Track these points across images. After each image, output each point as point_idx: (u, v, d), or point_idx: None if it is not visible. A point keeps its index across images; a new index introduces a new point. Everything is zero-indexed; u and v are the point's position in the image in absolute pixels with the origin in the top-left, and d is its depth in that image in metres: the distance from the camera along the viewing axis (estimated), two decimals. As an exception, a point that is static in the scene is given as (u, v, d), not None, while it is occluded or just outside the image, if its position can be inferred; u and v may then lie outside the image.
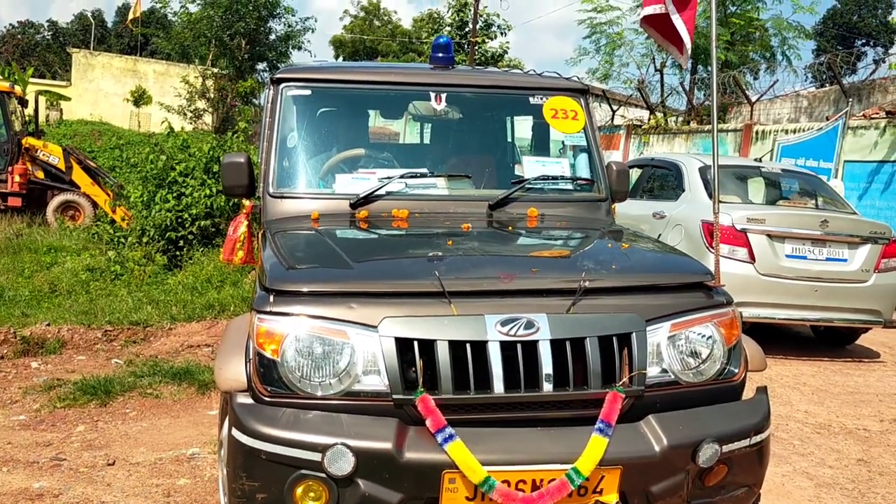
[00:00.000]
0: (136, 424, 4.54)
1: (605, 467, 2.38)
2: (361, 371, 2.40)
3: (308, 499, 2.33)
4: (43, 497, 3.53)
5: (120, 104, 25.90)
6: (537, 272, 2.78)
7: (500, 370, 2.40)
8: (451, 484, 2.34)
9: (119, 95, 26.11)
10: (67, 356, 6.15)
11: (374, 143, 4.25)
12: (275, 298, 2.49)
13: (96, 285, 8.50)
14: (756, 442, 2.61)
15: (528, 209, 3.53)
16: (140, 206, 9.51)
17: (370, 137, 4.26)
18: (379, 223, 3.33)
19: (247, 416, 2.38)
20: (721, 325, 2.68)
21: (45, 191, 14.56)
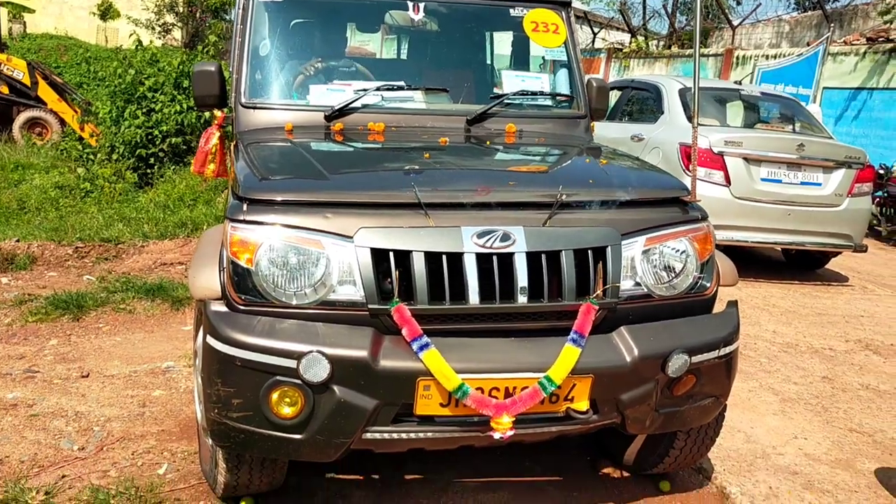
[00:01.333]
0: (109, 339, 4.53)
1: (576, 376, 2.42)
2: (337, 281, 2.39)
3: (284, 404, 2.35)
4: (17, 407, 3.53)
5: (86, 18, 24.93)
6: (514, 185, 2.76)
7: (476, 281, 2.40)
8: (425, 391, 2.36)
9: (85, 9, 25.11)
10: (38, 272, 6.08)
11: (350, 57, 4.13)
12: (248, 207, 2.45)
13: (66, 202, 8.38)
14: (724, 354, 2.66)
15: (506, 125, 3.48)
16: (109, 122, 9.27)
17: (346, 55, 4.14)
18: (354, 136, 3.26)
19: (221, 324, 2.37)
20: (695, 239, 2.70)
21: (10, 106, 14.13)
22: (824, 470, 3.36)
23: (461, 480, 3.06)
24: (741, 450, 3.48)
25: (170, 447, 3.22)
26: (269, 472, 2.70)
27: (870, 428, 3.83)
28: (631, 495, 3.06)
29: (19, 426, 3.35)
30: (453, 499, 2.94)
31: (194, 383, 2.67)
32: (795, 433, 3.70)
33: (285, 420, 2.36)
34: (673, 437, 2.96)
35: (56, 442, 3.23)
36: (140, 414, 3.52)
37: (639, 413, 2.59)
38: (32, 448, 3.17)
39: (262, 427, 2.38)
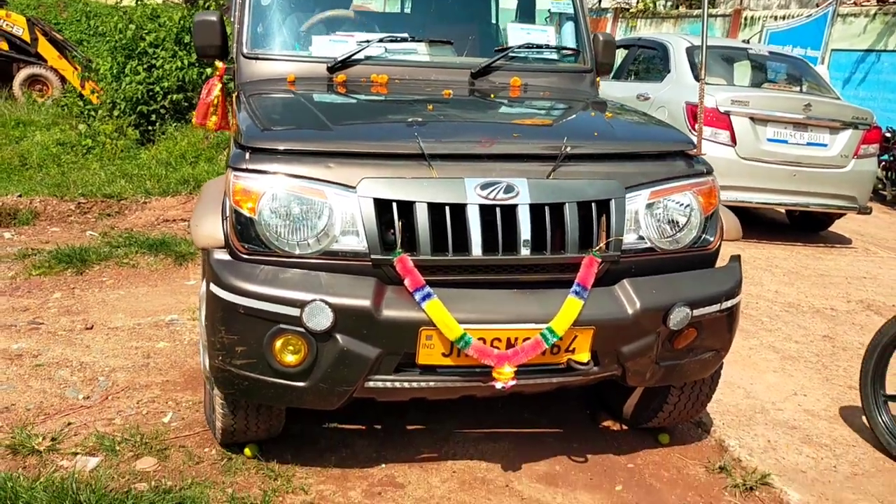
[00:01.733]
0: (113, 292, 4.55)
1: (578, 328, 2.43)
2: (339, 231, 2.39)
3: (287, 352, 2.36)
4: (22, 357, 3.55)
5: (86, -27, 24.60)
6: (518, 137, 2.74)
7: (479, 233, 2.40)
8: (427, 340, 2.38)
9: (85, -36, 24.78)
10: (41, 227, 6.08)
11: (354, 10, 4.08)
12: (251, 156, 2.44)
13: (67, 159, 8.34)
14: (726, 307, 2.67)
15: (510, 78, 3.44)
16: (110, 79, 9.18)
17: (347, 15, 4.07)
18: (357, 88, 3.24)
19: (224, 272, 2.38)
20: (699, 193, 2.68)
21: (10, 63, 13.98)
22: (823, 425, 3.39)
23: (462, 431, 3.09)
24: (741, 405, 3.51)
25: (174, 397, 3.25)
26: (266, 419, 2.72)
27: (869, 385, 3.84)
28: (630, 447, 3.09)
29: (25, 375, 3.38)
30: (454, 448, 2.97)
31: (199, 331, 2.68)
32: (795, 390, 3.72)
33: (289, 368, 2.38)
34: (667, 393, 2.99)
35: (61, 391, 3.26)
36: (144, 365, 3.55)
37: (639, 366, 2.61)
38: (38, 396, 3.20)
39: (266, 374, 2.40)
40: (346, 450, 2.92)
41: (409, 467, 2.83)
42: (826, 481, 2.93)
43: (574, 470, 2.90)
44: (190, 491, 2.54)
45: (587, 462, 2.96)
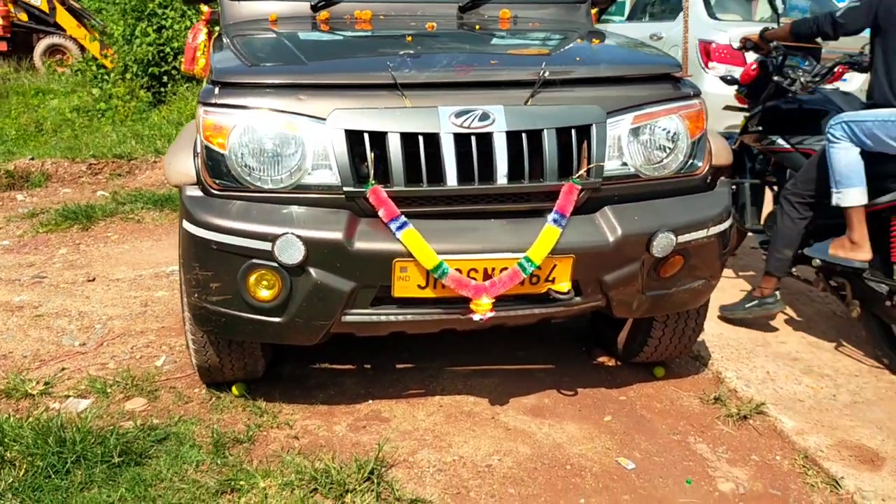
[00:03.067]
0: (117, 247, 4.59)
1: (557, 256, 2.38)
2: (311, 164, 2.35)
3: (261, 287, 2.35)
4: (23, 309, 3.60)
5: (103, -58, 24.64)
6: (496, 65, 2.67)
7: (454, 162, 2.35)
8: (402, 273, 2.34)
9: (101, -67, 24.80)
10: (52, 189, 6.15)
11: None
12: (220, 90, 2.40)
13: (81, 122, 8.41)
14: (714, 233, 2.59)
15: (500, 11, 3.35)
16: (121, 42, 9.20)
17: None
18: (339, 25, 3.17)
19: (196, 208, 2.36)
20: (686, 117, 2.59)
21: (30, 34, 14.09)
22: (826, 356, 3.32)
23: (452, 368, 3.07)
24: (742, 339, 3.45)
25: (168, 342, 3.28)
26: (240, 356, 2.72)
27: (878, 318, 3.75)
28: (624, 381, 3.06)
29: (24, 325, 3.43)
30: (443, 384, 2.96)
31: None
32: (800, 325, 3.64)
33: (264, 303, 2.36)
34: (650, 326, 2.93)
35: (58, 339, 3.30)
36: (142, 313, 3.58)
37: (624, 295, 2.55)
38: (35, 345, 3.24)
39: (242, 310, 2.39)
40: (334, 388, 2.92)
41: (395, 402, 2.83)
42: (823, 409, 2.87)
43: (563, 402, 2.88)
44: (175, 428, 2.57)
45: (577, 395, 2.93)
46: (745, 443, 2.67)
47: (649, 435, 2.70)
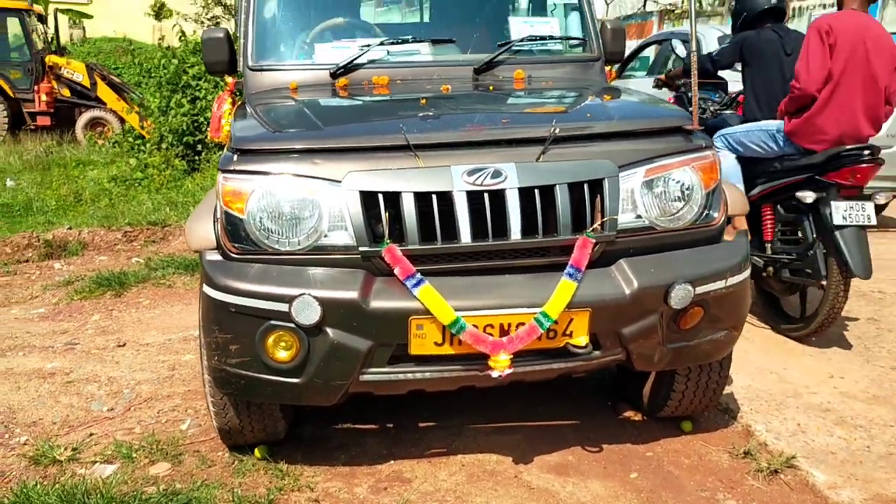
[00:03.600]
0: (148, 312, 4.67)
1: (573, 310, 2.38)
2: (328, 226, 2.40)
3: (279, 348, 2.38)
4: (55, 375, 3.67)
5: (142, 19, 25.58)
6: (508, 123, 2.71)
7: (467, 220, 2.38)
8: (418, 330, 2.36)
9: (140, 10, 25.76)
10: (89, 257, 6.30)
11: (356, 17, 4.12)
12: (239, 157, 2.48)
13: (118, 191, 8.64)
14: (732, 284, 2.57)
15: (514, 71, 3.42)
16: (157, 113, 9.52)
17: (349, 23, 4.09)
18: (357, 91, 3.26)
19: (216, 272, 2.42)
20: (699, 168, 2.60)
21: (72, 108, 14.58)
22: (859, 406, 3.23)
23: (475, 426, 3.05)
24: (772, 390, 3.37)
25: (194, 405, 3.31)
26: (259, 419, 2.73)
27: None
28: (650, 436, 3.00)
29: (55, 392, 3.49)
30: (465, 443, 2.94)
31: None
32: (832, 372, 3.56)
33: (282, 364, 2.39)
34: (672, 379, 2.89)
35: (87, 404, 3.35)
36: (169, 376, 3.62)
37: (645, 348, 2.54)
38: (65, 411, 3.30)
39: (261, 372, 2.42)
40: (355, 448, 2.91)
41: (417, 463, 2.81)
42: (857, 461, 2.78)
43: (588, 460, 2.83)
44: (198, 493, 2.57)
45: (602, 451, 2.88)
46: (776, 498, 2.60)
47: (677, 492, 2.64)
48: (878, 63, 3.77)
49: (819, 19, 3.96)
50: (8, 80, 14.07)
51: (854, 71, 3.75)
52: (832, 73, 3.75)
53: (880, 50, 3.78)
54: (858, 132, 3.85)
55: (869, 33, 3.80)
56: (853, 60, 3.75)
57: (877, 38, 3.81)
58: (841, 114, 3.79)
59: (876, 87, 3.80)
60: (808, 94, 3.78)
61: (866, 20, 3.92)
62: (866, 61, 3.76)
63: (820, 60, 3.75)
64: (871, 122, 3.89)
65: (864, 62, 3.76)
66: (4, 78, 14.04)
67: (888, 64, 3.82)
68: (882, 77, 3.80)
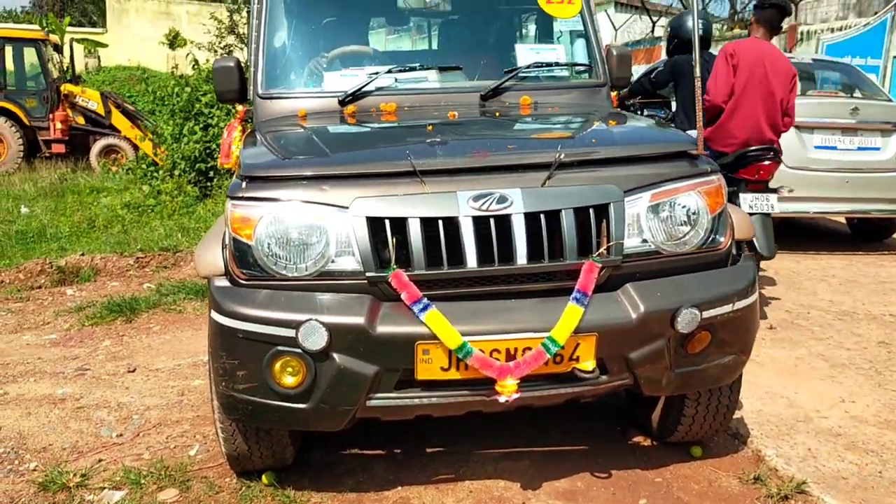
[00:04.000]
0: (159, 337, 4.70)
1: (580, 335, 2.38)
2: (335, 252, 2.41)
3: (286, 374, 2.39)
4: (65, 401, 3.69)
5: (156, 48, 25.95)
6: (513, 149, 2.74)
7: (473, 245, 2.40)
8: (424, 355, 2.36)
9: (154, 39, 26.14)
10: (101, 283, 6.34)
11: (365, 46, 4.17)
12: (247, 184, 2.51)
13: (131, 218, 8.71)
14: (739, 308, 2.57)
15: (521, 97, 3.45)
16: (170, 140, 9.63)
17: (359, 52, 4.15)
18: (365, 118, 3.29)
19: (224, 298, 2.43)
20: (704, 193, 2.61)
21: (87, 136, 14.80)
22: (871, 431, 3.20)
23: (483, 451, 3.04)
24: (782, 415, 3.35)
25: (203, 430, 3.31)
26: (268, 444, 2.74)
27: (927, 390, 3.62)
28: (660, 461, 2.98)
29: (65, 418, 3.50)
30: (473, 468, 2.92)
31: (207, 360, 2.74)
32: (843, 397, 3.53)
33: (289, 390, 2.40)
34: (682, 404, 2.88)
35: (97, 430, 3.36)
36: (178, 402, 3.64)
37: (652, 372, 2.53)
38: (74, 437, 3.31)
39: (268, 398, 2.42)
40: (363, 474, 2.91)
41: (424, 488, 2.80)
42: (868, 487, 2.75)
43: (597, 486, 2.81)
44: (205, 518, 2.57)
45: (611, 477, 2.86)
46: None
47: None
48: (775, 81, 4.65)
49: (726, 45, 4.82)
50: (24, 108, 14.30)
51: (754, 87, 4.60)
52: (735, 88, 4.62)
53: (777, 71, 4.66)
54: (762, 136, 4.63)
55: (768, 57, 4.67)
56: (753, 78, 4.61)
57: (775, 61, 4.69)
58: (746, 121, 4.61)
59: (774, 101, 4.65)
60: (716, 105, 4.65)
61: (767, 46, 4.76)
62: (765, 79, 4.62)
63: (725, 77, 4.64)
64: (772, 129, 4.69)
65: (763, 80, 4.62)
66: (20, 106, 14.27)
67: (784, 82, 4.69)
68: (779, 93, 4.66)
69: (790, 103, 4.74)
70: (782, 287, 5.46)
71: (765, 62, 4.64)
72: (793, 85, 4.75)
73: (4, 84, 14.38)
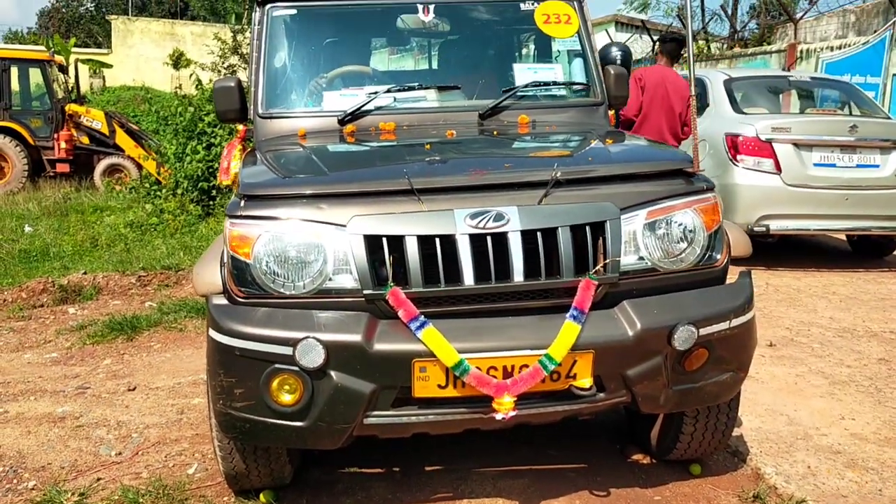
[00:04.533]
0: (159, 356, 4.71)
1: (577, 352, 2.38)
2: (332, 269, 2.43)
3: (284, 392, 2.39)
4: (65, 420, 3.70)
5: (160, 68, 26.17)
6: (510, 167, 2.76)
7: (470, 262, 2.41)
8: (421, 372, 2.36)
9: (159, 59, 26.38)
10: (103, 301, 6.36)
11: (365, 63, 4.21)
12: (245, 203, 2.53)
13: (134, 236, 8.75)
14: (736, 325, 2.57)
15: (519, 116, 3.48)
16: (173, 160, 9.69)
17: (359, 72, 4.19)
18: (364, 136, 3.32)
19: (222, 316, 2.44)
20: (701, 210, 2.62)
21: (91, 155, 14.90)
22: (871, 448, 3.19)
23: (481, 470, 3.03)
24: (782, 432, 3.34)
25: (201, 449, 3.31)
26: (265, 463, 2.73)
27: (927, 407, 3.61)
28: (659, 479, 2.97)
29: (64, 436, 3.51)
30: (472, 487, 2.92)
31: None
32: (843, 414, 3.53)
33: (286, 407, 2.40)
34: (681, 422, 2.88)
35: (96, 449, 3.36)
36: (178, 420, 3.64)
37: (650, 390, 2.53)
38: (73, 455, 3.31)
39: (265, 416, 2.43)
40: (361, 493, 2.90)
41: (422, 507, 2.79)
42: (868, 506, 2.75)
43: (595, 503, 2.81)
44: (202, 537, 2.57)
45: (610, 496, 2.86)
46: (787, 543, 2.56)
47: (685, 536, 2.60)
48: (675, 99, 5.74)
49: (635, 71, 5.97)
50: (28, 128, 14.41)
51: (658, 104, 5.73)
52: (643, 104, 5.72)
53: (676, 91, 5.77)
54: (665, 142, 5.43)
55: (668, 80, 5.83)
56: (656, 97, 5.73)
57: (674, 82, 5.84)
58: (652, 131, 5.60)
59: (674, 115, 5.75)
60: (629, 118, 5.66)
61: (668, 72, 5.94)
62: (667, 98, 5.73)
63: (635, 95, 5.56)
64: (673, 137, 5.75)
65: (664, 98, 5.73)
66: (25, 126, 14.37)
67: (682, 100, 5.74)
68: (677, 108, 5.76)
69: (687, 117, 5.75)
70: (783, 304, 5.46)
71: (666, 84, 5.76)
72: (689, 103, 5.69)
73: (10, 104, 14.48)
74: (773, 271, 6.48)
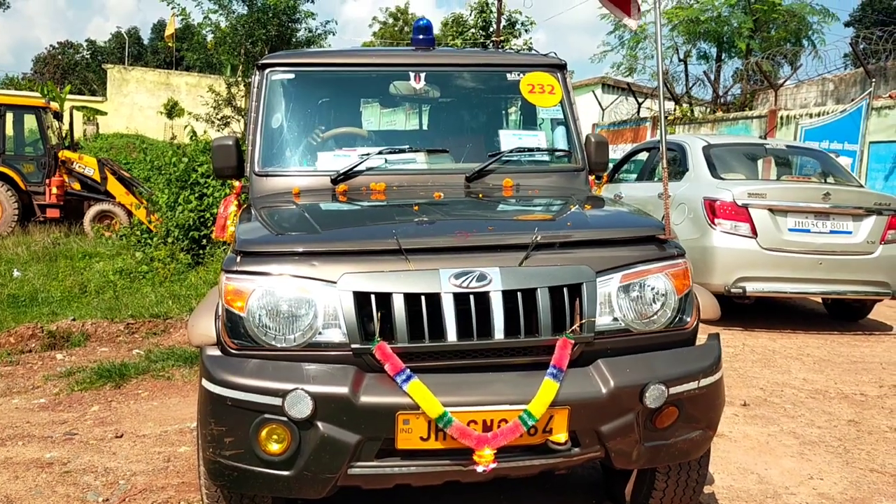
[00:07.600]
0: (147, 403, 4.77)
1: (553, 408, 2.50)
2: (322, 324, 2.55)
3: (272, 441, 2.49)
4: (52, 465, 3.75)
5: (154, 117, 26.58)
6: (493, 230, 2.91)
7: (454, 319, 2.54)
8: (405, 425, 2.47)
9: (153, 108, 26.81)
10: (91, 348, 6.42)
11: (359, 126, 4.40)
12: (242, 259, 2.66)
13: (123, 284, 8.83)
14: (705, 385, 2.70)
15: (504, 180, 3.65)
16: (165, 209, 9.83)
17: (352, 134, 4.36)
18: (356, 196, 3.47)
19: (215, 367, 2.55)
20: (672, 275, 2.78)
21: (81, 201, 15.03)
22: (837, 508, 3.30)
23: (461, 522, 3.12)
24: (752, 490, 3.45)
25: (187, 497, 3.38)
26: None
27: (893, 468, 3.73)
28: (632, 535, 3.06)
29: (52, 482, 3.56)
30: (450, 538, 3.00)
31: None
32: (812, 474, 3.64)
33: (274, 457, 2.49)
34: (653, 477, 2.99)
35: (83, 495, 3.42)
36: (164, 468, 3.70)
37: (623, 445, 2.64)
38: (61, 501, 3.37)
39: (253, 464, 2.52)
40: (343, 542, 2.97)
41: (402, 557, 2.86)
42: (832, 563, 2.85)
43: (570, 557, 2.89)
44: (187, 583, 2.63)
45: (584, 549, 2.95)
46: None
47: (656, 590, 2.68)
48: None
49: None
50: (20, 173, 14.54)
51: None
52: None
53: None
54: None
55: None
56: None
57: None
58: None
59: None
60: None
61: None
62: None
63: None
64: None
65: None
66: (17, 171, 14.51)
67: None
68: None
69: None
70: (758, 364, 5.60)
71: None
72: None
73: (3, 149, 14.64)
74: (750, 332, 6.64)
